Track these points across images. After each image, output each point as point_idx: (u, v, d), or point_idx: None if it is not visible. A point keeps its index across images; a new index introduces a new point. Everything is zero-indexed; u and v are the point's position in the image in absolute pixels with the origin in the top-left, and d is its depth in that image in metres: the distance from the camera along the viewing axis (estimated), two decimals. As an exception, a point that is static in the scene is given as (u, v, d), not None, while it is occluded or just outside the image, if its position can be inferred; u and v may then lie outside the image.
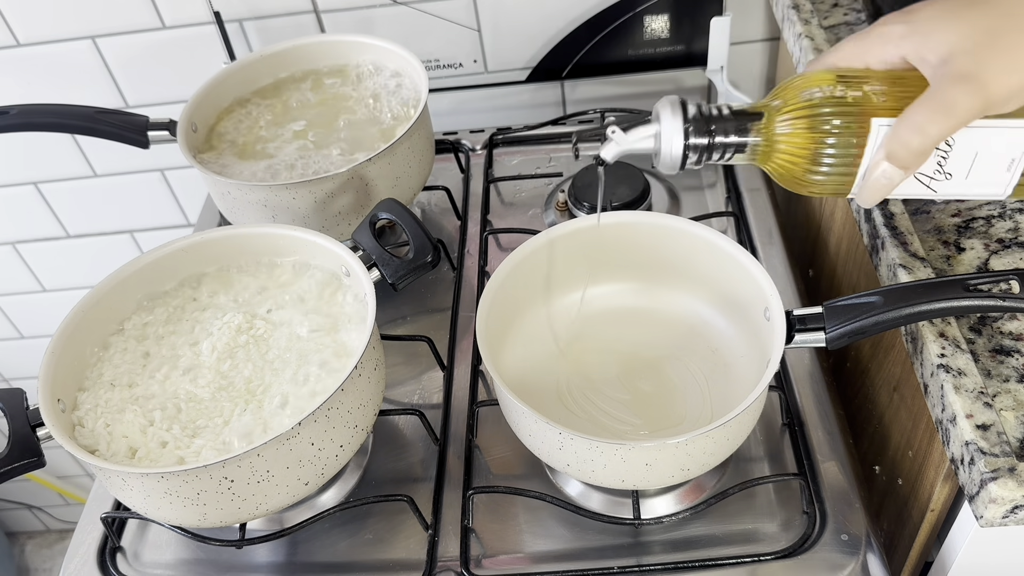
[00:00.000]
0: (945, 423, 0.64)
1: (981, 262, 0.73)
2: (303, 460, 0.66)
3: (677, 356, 0.78)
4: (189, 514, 0.65)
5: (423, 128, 0.93)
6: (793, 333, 0.66)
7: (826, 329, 0.66)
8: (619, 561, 0.71)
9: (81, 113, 0.92)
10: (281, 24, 1.14)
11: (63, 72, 1.17)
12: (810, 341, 0.67)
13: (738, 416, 0.63)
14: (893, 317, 0.63)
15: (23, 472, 0.65)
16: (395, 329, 0.92)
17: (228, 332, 0.75)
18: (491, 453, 0.80)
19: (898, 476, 0.79)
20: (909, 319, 0.63)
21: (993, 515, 0.59)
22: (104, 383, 0.74)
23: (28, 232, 1.38)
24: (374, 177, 0.87)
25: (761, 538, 0.71)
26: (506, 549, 0.73)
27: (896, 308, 0.63)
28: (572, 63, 1.13)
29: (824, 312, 0.66)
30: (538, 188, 1.04)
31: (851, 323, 0.65)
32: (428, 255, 0.74)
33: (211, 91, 0.98)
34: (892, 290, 0.65)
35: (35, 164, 1.29)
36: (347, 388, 0.66)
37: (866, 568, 0.68)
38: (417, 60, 0.96)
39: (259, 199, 0.86)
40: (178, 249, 0.80)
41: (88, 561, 0.76)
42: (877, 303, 0.64)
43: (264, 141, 0.96)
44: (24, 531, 2.03)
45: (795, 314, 0.67)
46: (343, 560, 0.74)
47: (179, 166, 1.29)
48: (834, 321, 0.65)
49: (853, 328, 0.65)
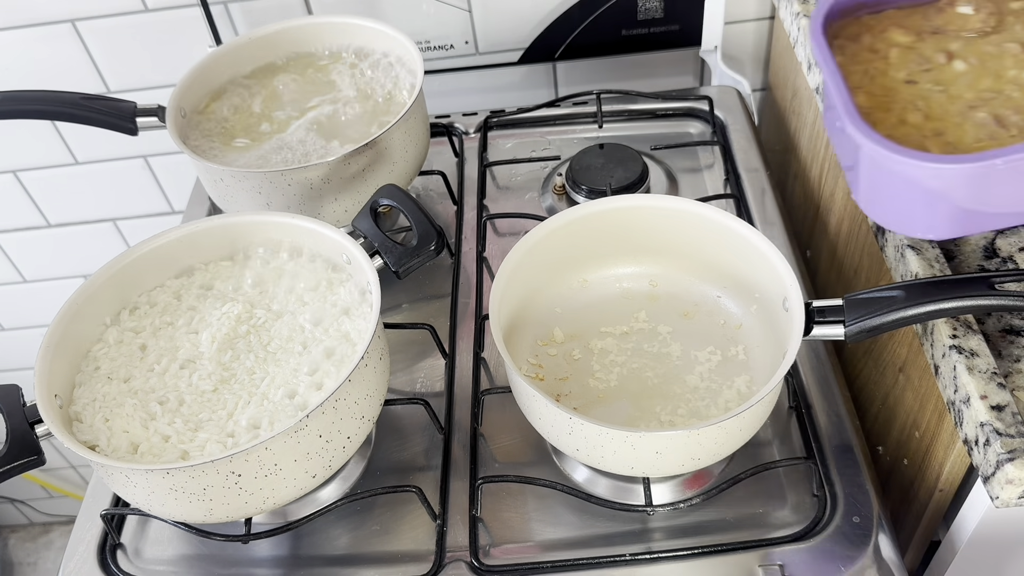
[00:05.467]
0: (958, 404, 0.64)
1: (987, 242, 0.73)
2: (311, 453, 0.65)
3: (689, 342, 0.76)
4: (195, 510, 0.64)
5: (419, 112, 0.91)
6: (812, 325, 0.65)
7: (845, 323, 0.64)
8: (629, 548, 0.70)
9: (66, 99, 0.90)
10: (267, 6, 1.11)
11: (42, 57, 1.14)
12: (828, 335, 0.65)
13: (752, 408, 0.62)
14: (915, 314, 0.62)
15: (22, 471, 0.63)
16: (394, 317, 0.90)
17: (228, 322, 0.74)
18: (496, 441, 0.79)
19: (903, 457, 0.79)
20: (931, 316, 0.62)
21: (1009, 496, 0.59)
22: (101, 376, 0.72)
23: (8, 222, 1.34)
24: (370, 162, 0.85)
25: (772, 522, 0.71)
26: (514, 538, 0.72)
27: (919, 304, 0.61)
28: (565, 44, 1.12)
29: (844, 305, 0.65)
30: (534, 172, 1.03)
31: (871, 318, 0.63)
32: (432, 242, 0.73)
33: (199, 76, 0.96)
34: (914, 285, 0.63)
35: (14, 152, 1.25)
36: (354, 379, 0.65)
37: (878, 550, 0.68)
38: (410, 41, 0.94)
39: (253, 186, 0.84)
40: (173, 239, 0.78)
41: (88, 559, 0.74)
42: (899, 297, 0.62)
43: (254, 126, 0.94)
44: (7, 525, 2.00)
45: (814, 305, 0.66)
46: (350, 552, 0.73)
47: (163, 152, 1.26)
48: (854, 314, 0.64)
49: (874, 324, 0.63)
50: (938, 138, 0.67)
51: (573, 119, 1.09)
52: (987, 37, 0.71)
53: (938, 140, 0.67)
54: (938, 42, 0.72)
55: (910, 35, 0.73)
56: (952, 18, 0.73)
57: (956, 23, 0.73)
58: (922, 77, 0.70)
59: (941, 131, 0.67)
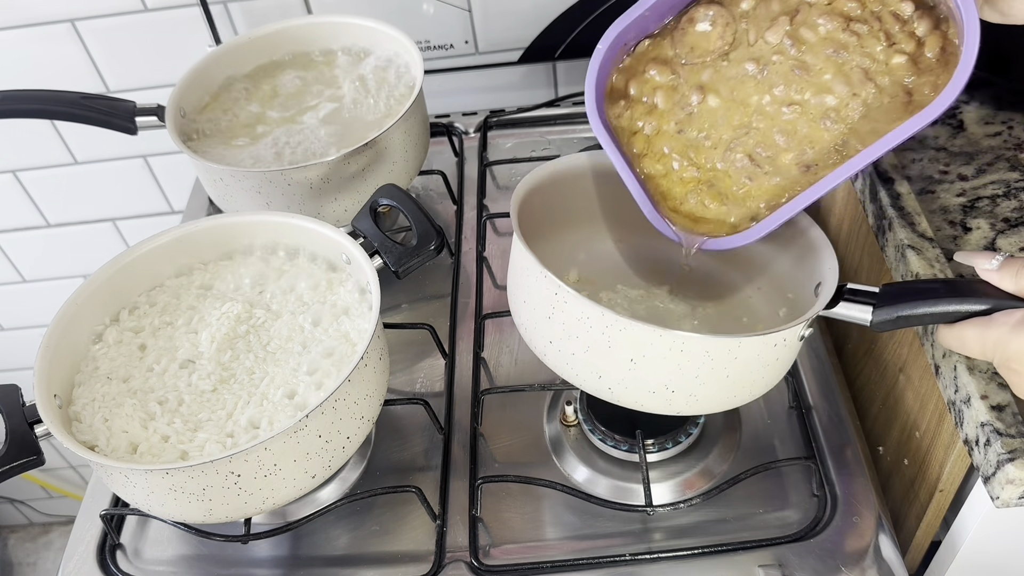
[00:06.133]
0: (959, 404, 0.64)
1: (988, 241, 0.73)
2: (310, 453, 0.65)
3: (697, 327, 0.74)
4: (194, 510, 0.64)
5: (419, 111, 0.91)
6: (839, 300, 0.62)
7: (875, 306, 0.61)
8: (630, 548, 0.70)
9: (66, 99, 0.90)
10: (266, 5, 1.11)
11: (41, 56, 1.14)
12: (853, 315, 0.62)
13: (792, 328, 0.60)
14: (954, 311, 0.58)
15: (22, 471, 0.63)
16: (393, 317, 0.90)
17: (227, 322, 0.73)
18: (496, 441, 0.79)
19: (904, 457, 0.79)
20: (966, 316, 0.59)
21: (1010, 496, 0.59)
22: (100, 376, 0.72)
23: (7, 222, 1.34)
24: (370, 162, 0.85)
25: (772, 522, 0.71)
26: (514, 538, 0.72)
27: (958, 301, 0.58)
28: (565, 44, 1.12)
29: (879, 291, 0.62)
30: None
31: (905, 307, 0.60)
32: (432, 242, 0.73)
33: (198, 75, 0.95)
34: (957, 282, 0.62)
35: (13, 151, 1.25)
36: (354, 379, 0.65)
37: (878, 549, 0.68)
38: (410, 41, 0.94)
39: (253, 185, 0.84)
40: (172, 239, 0.78)
41: (87, 559, 0.74)
42: (940, 291, 0.60)
43: (253, 126, 0.94)
44: (6, 525, 2.00)
45: (849, 286, 0.63)
46: (349, 553, 0.73)
47: (162, 152, 1.26)
48: (887, 301, 0.61)
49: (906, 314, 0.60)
50: (711, 189, 0.68)
51: (573, 119, 1.09)
52: (728, 58, 0.68)
53: (712, 192, 0.68)
54: (691, 74, 0.69)
55: (666, 72, 0.70)
56: (695, 40, 0.69)
57: (700, 46, 0.69)
58: (688, 124, 0.69)
59: (712, 182, 0.68)
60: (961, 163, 0.80)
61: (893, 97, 0.63)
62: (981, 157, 0.80)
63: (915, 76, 0.63)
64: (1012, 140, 0.81)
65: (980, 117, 0.84)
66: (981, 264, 0.58)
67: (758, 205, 0.67)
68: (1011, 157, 0.80)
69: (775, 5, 0.67)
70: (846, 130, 0.64)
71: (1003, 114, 0.84)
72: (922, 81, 0.62)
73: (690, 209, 0.69)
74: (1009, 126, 0.83)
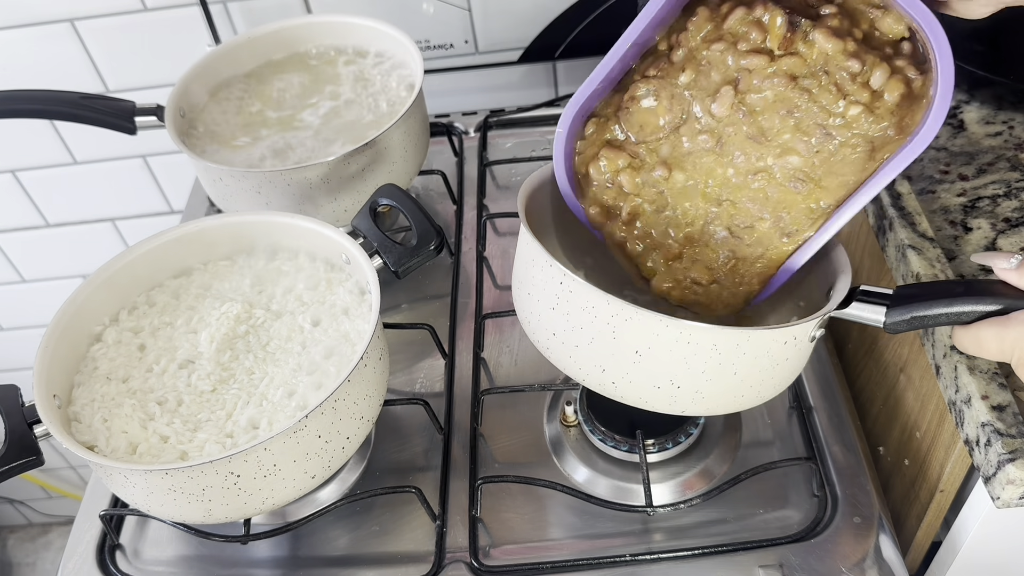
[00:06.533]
0: (959, 404, 0.64)
1: (988, 241, 0.73)
2: (310, 453, 0.65)
3: None
4: (194, 510, 0.64)
5: (419, 111, 0.91)
6: (851, 300, 0.61)
7: (889, 307, 0.59)
8: (630, 548, 0.70)
9: (65, 99, 0.89)
10: (266, 5, 1.11)
11: (41, 56, 1.14)
12: (866, 316, 0.60)
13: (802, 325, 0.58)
14: (970, 311, 0.57)
15: (21, 471, 0.63)
16: (393, 317, 0.90)
17: (227, 322, 0.73)
18: (496, 441, 0.79)
19: (904, 457, 0.79)
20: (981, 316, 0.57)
21: (1010, 496, 0.59)
22: (99, 376, 0.72)
23: (6, 221, 1.34)
24: (370, 162, 0.85)
25: (772, 523, 0.71)
26: (514, 538, 0.72)
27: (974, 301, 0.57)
28: (565, 43, 1.12)
29: (894, 292, 0.60)
30: (534, 171, 1.02)
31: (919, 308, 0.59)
32: (432, 242, 0.73)
33: (198, 75, 0.95)
34: (977, 282, 0.61)
35: (13, 151, 1.25)
36: (353, 379, 0.65)
37: (879, 550, 0.68)
38: (410, 40, 0.94)
39: (252, 186, 0.84)
40: (172, 239, 0.78)
41: (87, 560, 0.74)
42: (957, 291, 0.58)
43: (253, 126, 0.94)
44: (6, 525, 2.00)
45: (863, 288, 0.61)
46: (349, 553, 0.73)
47: (162, 152, 1.26)
48: (902, 301, 0.59)
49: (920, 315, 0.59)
50: (696, 263, 0.66)
51: (573, 119, 1.08)
52: (678, 132, 0.64)
53: (699, 266, 0.66)
54: (650, 150, 0.65)
55: (622, 155, 0.66)
56: (643, 118, 0.65)
57: (650, 124, 0.65)
58: (661, 202, 0.66)
59: (696, 258, 0.66)
60: (962, 163, 0.80)
61: (856, 148, 0.61)
62: (982, 157, 0.80)
63: (875, 123, 0.60)
64: (1013, 140, 0.81)
65: (981, 117, 0.84)
66: (999, 264, 0.57)
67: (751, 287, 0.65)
68: (1012, 157, 0.80)
69: (714, 75, 0.63)
70: (816, 188, 0.62)
71: (1004, 114, 0.84)
72: (883, 126, 0.60)
73: (680, 296, 0.67)
74: (1010, 126, 0.83)
